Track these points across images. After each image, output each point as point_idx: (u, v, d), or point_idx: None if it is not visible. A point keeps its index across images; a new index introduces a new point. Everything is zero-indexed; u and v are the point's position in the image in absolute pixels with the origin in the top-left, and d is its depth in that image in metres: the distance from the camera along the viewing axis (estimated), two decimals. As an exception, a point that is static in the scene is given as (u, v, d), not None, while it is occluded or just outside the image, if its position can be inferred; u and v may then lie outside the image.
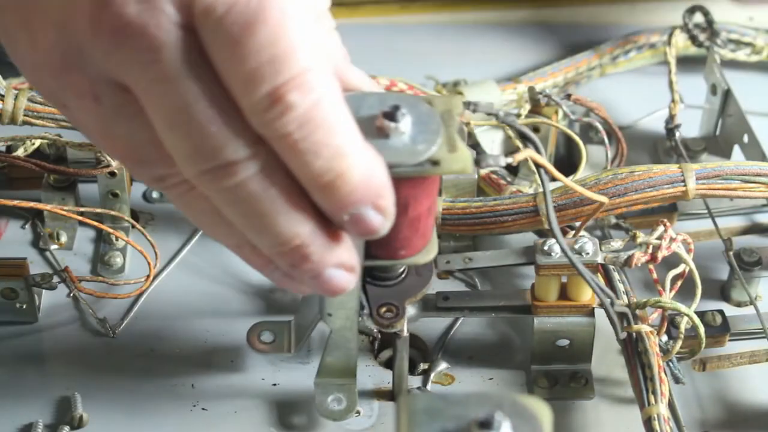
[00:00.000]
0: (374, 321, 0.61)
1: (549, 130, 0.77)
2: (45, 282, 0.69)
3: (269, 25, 0.48)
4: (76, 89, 0.52)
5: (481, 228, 0.71)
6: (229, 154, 0.50)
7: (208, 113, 0.49)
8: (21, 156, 0.74)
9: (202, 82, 0.49)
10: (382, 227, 0.52)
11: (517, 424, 0.45)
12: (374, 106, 0.53)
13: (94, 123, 0.53)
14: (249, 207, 0.51)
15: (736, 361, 0.69)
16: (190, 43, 0.49)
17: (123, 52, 0.49)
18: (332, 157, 0.49)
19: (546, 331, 0.67)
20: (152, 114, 0.50)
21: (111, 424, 0.66)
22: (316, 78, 0.49)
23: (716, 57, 0.82)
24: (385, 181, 0.51)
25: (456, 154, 0.53)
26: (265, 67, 0.48)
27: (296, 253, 0.52)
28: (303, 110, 0.48)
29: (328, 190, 0.50)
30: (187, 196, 0.53)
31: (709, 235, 0.76)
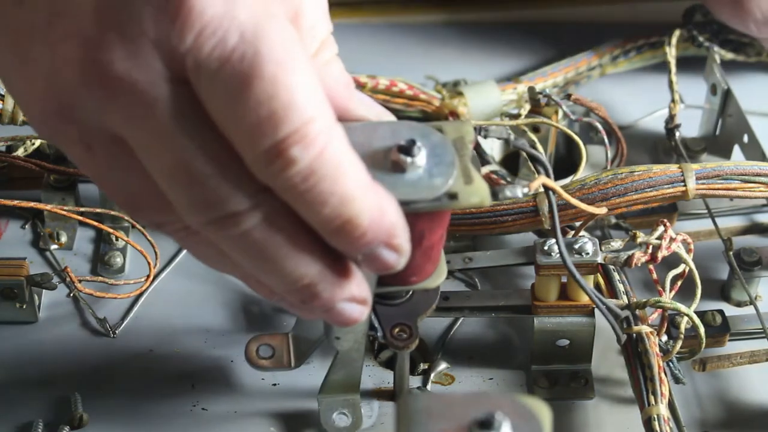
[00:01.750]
0: (388, 343, 0.61)
1: (549, 130, 0.77)
2: (45, 282, 0.69)
3: (265, 79, 0.47)
4: (68, 138, 0.51)
5: (481, 228, 0.71)
6: (232, 205, 0.49)
7: (207, 167, 0.48)
8: (21, 156, 0.74)
9: (199, 136, 0.48)
10: (398, 264, 0.51)
11: (517, 424, 0.45)
12: (387, 138, 0.52)
13: (89, 170, 0.52)
14: (255, 253, 0.50)
15: (736, 361, 0.69)
16: (184, 96, 0.48)
17: (115, 107, 0.49)
18: (339, 204, 0.48)
19: (546, 331, 0.67)
20: (149, 167, 0.49)
21: (111, 424, 0.66)
22: (318, 128, 0.48)
23: (716, 57, 0.82)
24: (397, 219, 0.50)
25: (472, 186, 0.52)
26: (265, 122, 0.47)
27: (305, 291, 0.52)
28: (306, 163, 0.47)
29: (338, 235, 0.49)
30: (189, 239, 0.53)
31: (709, 235, 0.76)
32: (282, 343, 0.65)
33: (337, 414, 0.64)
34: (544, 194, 0.70)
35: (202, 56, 0.47)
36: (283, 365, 0.65)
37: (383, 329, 0.60)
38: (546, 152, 0.77)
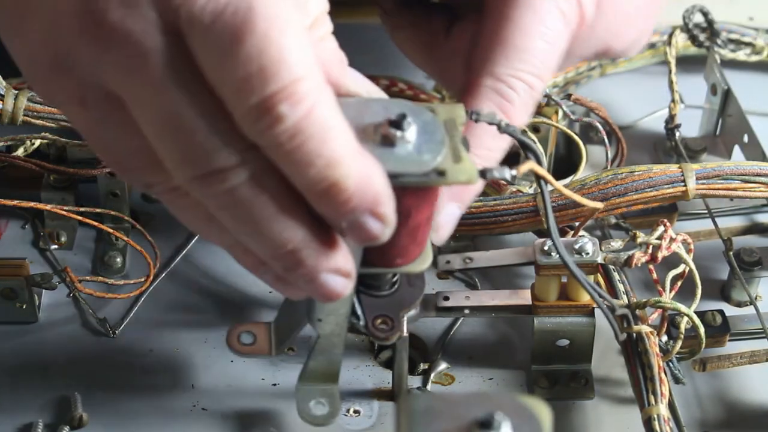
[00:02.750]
0: (369, 333, 0.61)
1: (549, 130, 0.77)
2: (45, 282, 0.69)
3: (257, 34, 0.47)
4: (64, 92, 0.52)
5: (481, 228, 0.71)
6: (219, 161, 0.49)
7: (197, 121, 0.49)
8: (21, 156, 0.74)
9: (191, 89, 0.49)
10: (382, 234, 0.51)
11: (517, 424, 0.45)
12: (378, 113, 0.53)
13: (82, 126, 0.53)
14: (240, 212, 0.51)
15: (736, 361, 0.69)
16: (177, 49, 0.49)
17: (109, 58, 0.49)
18: (325, 166, 0.49)
19: (546, 331, 0.67)
20: (141, 121, 0.50)
21: (111, 424, 0.66)
22: (307, 88, 0.48)
23: (716, 57, 0.82)
24: (383, 188, 0.51)
25: (461, 165, 0.52)
26: (254, 77, 0.47)
27: (290, 257, 0.52)
28: (293, 121, 0.48)
29: (323, 198, 0.50)
30: (178, 201, 0.53)
31: (709, 235, 0.76)
32: (263, 331, 0.65)
33: (315, 403, 0.64)
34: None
35: (196, 9, 0.48)
36: (263, 352, 0.65)
37: (366, 319, 0.60)
38: (546, 152, 0.77)
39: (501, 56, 0.64)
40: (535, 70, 0.64)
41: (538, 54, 0.64)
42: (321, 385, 0.63)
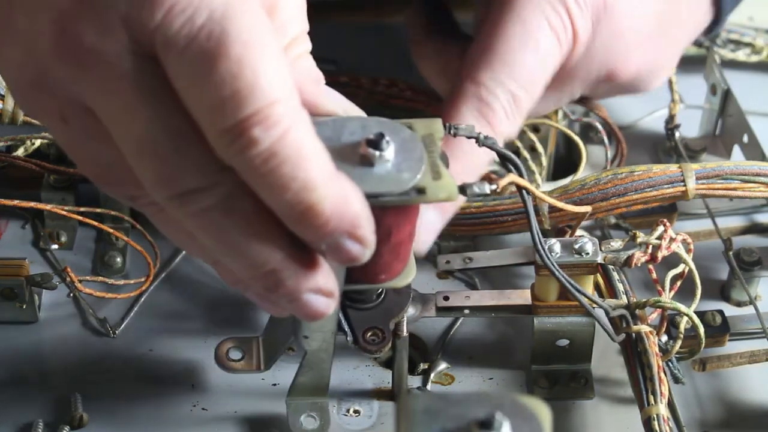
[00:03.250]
0: (360, 347, 0.61)
1: (549, 130, 0.77)
2: (45, 282, 0.69)
3: (231, 58, 0.47)
4: (44, 108, 0.52)
5: (481, 228, 0.71)
6: (192, 182, 0.50)
7: (170, 143, 0.49)
8: (21, 156, 0.74)
9: (165, 112, 0.49)
10: (362, 255, 0.51)
11: (517, 424, 0.45)
12: (356, 132, 0.53)
13: (63, 141, 0.54)
14: (216, 233, 0.51)
15: (736, 361, 0.69)
16: (151, 72, 0.49)
17: (85, 79, 0.50)
18: (301, 190, 0.49)
19: (546, 331, 0.67)
20: (117, 139, 0.50)
21: (111, 424, 0.66)
22: (281, 111, 0.48)
23: (716, 57, 0.82)
24: (361, 210, 0.50)
25: (441, 182, 0.52)
26: (228, 101, 0.47)
27: (269, 277, 0.52)
28: (267, 145, 0.48)
29: (300, 222, 0.50)
30: (159, 215, 0.54)
31: (709, 235, 0.76)
32: (252, 347, 0.65)
33: (305, 417, 0.64)
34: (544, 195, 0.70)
35: (171, 33, 0.48)
36: (253, 368, 0.64)
37: (355, 333, 0.60)
38: (546, 152, 0.77)
39: (485, 64, 0.65)
40: (521, 81, 0.65)
41: (525, 65, 0.65)
42: (311, 398, 0.63)
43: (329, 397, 0.64)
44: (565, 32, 0.66)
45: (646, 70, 0.71)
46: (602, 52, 0.68)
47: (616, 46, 0.68)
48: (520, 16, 0.65)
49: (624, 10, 0.68)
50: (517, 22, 0.65)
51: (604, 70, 0.69)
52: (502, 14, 0.66)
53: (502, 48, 0.65)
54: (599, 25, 0.67)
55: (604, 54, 0.68)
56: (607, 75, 0.69)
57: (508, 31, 0.65)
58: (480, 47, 0.66)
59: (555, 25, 0.65)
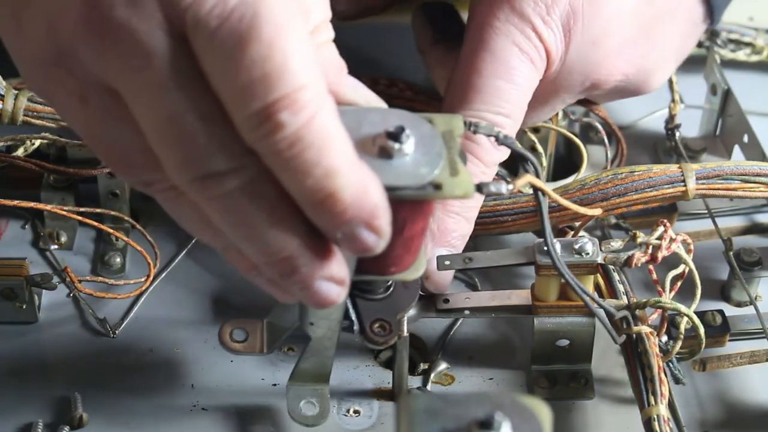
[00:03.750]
0: (366, 338, 0.61)
1: (549, 130, 0.77)
2: (45, 282, 0.69)
3: (262, 41, 0.48)
4: (63, 88, 0.52)
5: (481, 228, 0.71)
6: (217, 164, 0.49)
7: (197, 124, 0.49)
8: (21, 156, 0.74)
9: (193, 92, 0.49)
10: (377, 246, 0.51)
11: (517, 424, 0.45)
12: (376, 124, 0.53)
13: (81, 123, 0.53)
14: (236, 217, 0.51)
15: (736, 361, 0.69)
16: (181, 51, 0.49)
17: (112, 57, 0.49)
18: (323, 176, 0.49)
19: (546, 331, 0.67)
20: (141, 120, 0.50)
21: (111, 424, 0.66)
22: (309, 96, 0.48)
23: (716, 57, 0.82)
24: (380, 201, 0.51)
25: (458, 179, 0.52)
26: (257, 83, 0.48)
27: (284, 264, 0.52)
28: (294, 129, 0.48)
29: (319, 209, 0.50)
30: (175, 201, 0.53)
31: (709, 235, 0.76)
32: (256, 329, 0.65)
33: (305, 402, 0.64)
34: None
35: (202, 13, 0.48)
36: (255, 350, 0.65)
37: (362, 324, 0.60)
38: (546, 153, 0.77)
39: (462, 100, 0.66)
40: (499, 109, 0.66)
41: (500, 93, 0.66)
42: (312, 385, 0.63)
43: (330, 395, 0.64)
44: (537, 52, 0.67)
45: (635, 72, 0.70)
46: (581, 61, 0.68)
47: (594, 53, 0.68)
48: (490, 48, 0.66)
49: (595, 17, 0.68)
50: (488, 53, 0.66)
51: (587, 78, 0.69)
52: (473, 48, 0.67)
53: (478, 82, 0.66)
54: (572, 36, 0.67)
55: (582, 63, 0.68)
56: (592, 83, 0.70)
57: (480, 64, 0.66)
58: (457, 84, 0.67)
59: (526, 49, 0.66)
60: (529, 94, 0.67)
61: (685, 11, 0.73)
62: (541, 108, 0.71)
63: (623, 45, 0.69)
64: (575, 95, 0.71)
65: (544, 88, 0.69)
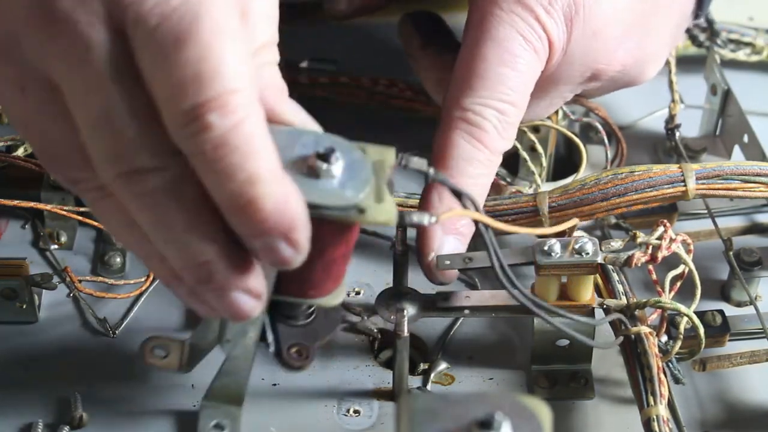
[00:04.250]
0: (281, 361, 0.60)
1: (549, 130, 0.77)
2: (45, 282, 0.69)
3: (199, 42, 0.48)
4: (5, 78, 0.52)
5: (481, 228, 0.71)
6: (142, 161, 0.50)
7: (128, 119, 0.50)
8: (21, 156, 0.74)
9: (127, 88, 0.50)
10: (294, 260, 0.52)
11: (517, 424, 0.45)
12: (309, 146, 0.53)
13: (18, 114, 0.54)
14: (157, 217, 0.51)
15: (736, 361, 0.69)
16: (119, 47, 0.50)
17: (54, 47, 0.50)
18: (245, 182, 0.49)
19: (546, 331, 0.67)
20: (75, 112, 0.51)
21: (111, 424, 0.66)
22: (239, 101, 0.49)
23: (716, 57, 0.82)
24: (300, 214, 0.51)
25: (382, 205, 0.53)
26: (189, 83, 0.48)
27: (201, 270, 0.52)
28: (221, 132, 0.49)
29: (239, 215, 0.50)
30: (100, 202, 0.54)
31: (709, 235, 0.76)
32: (176, 348, 0.64)
33: (215, 424, 0.63)
34: (544, 194, 0.70)
35: (144, 10, 0.49)
36: (173, 367, 0.64)
37: (279, 345, 0.60)
38: (546, 153, 0.77)
39: (468, 88, 0.66)
40: (504, 96, 0.66)
41: (504, 81, 0.66)
42: (225, 406, 0.63)
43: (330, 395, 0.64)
44: (540, 41, 0.67)
45: (632, 63, 0.71)
46: (582, 52, 0.68)
47: (595, 43, 0.69)
48: (493, 36, 0.66)
49: (597, 7, 0.68)
50: (492, 42, 0.67)
51: (588, 69, 0.69)
52: (476, 37, 0.67)
53: (482, 69, 0.66)
54: (573, 27, 0.67)
55: (584, 54, 0.69)
56: (592, 73, 0.70)
57: (483, 52, 0.67)
58: (460, 73, 0.67)
59: (529, 38, 0.67)
60: (532, 84, 0.68)
61: (679, 2, 0.73)
62: (540, 100, 0.71)
63: (622, 34, 0.70)
64: (575, 87, 0.71)
65: (545, 79, 0.69)
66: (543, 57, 0.67)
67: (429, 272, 0.66)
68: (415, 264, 0.67)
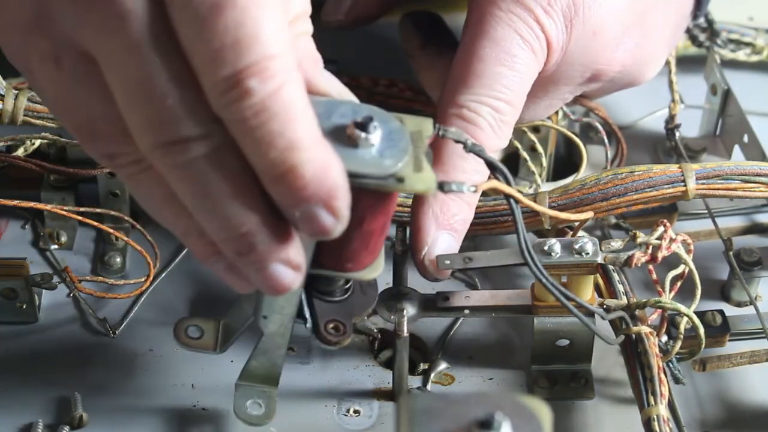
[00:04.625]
0: (319, 337, 0.61)
1: (549, 130, 0.77)
2: (45, 282, 0.69)
3: (236, 7, 0.48)
4: (39, 51, 0.52)
5: (481, 228, 0.71)
6: (183, 129, 0.50)
7: (168, 87, 0.49)
8: (21, 156, 0.74)
9: (165, 56, 0.49)
10: (334, 229, 0.51)
11: (517, 424, 0.45)
12: (347, 115, 0.53)
13: (54, 89, 0.53)
14: (199, 187, 0.51)
15: (736, 361, 0.69)
16: (157, 15, 0.49)
17: (90, 17, 0.50)
18: (286, 148, 0.49)
19: (546, 331, 0.67)
20: (113, 83, 0.51)
21: (111, 424, 0.66)
22: (278, 67, 0.49)
23: (716, 57, 0.82)
24: (340, 182, 0.51)
25: (421, 174, 0.53)
26: (228, 49, 0.48)
27: (242, 241, 0.52)
28: (260, 97, 0.48)
29: (279, 182, 0.50)
30: (138, 177, 0.53)
31: (709, 235, 0.76)
32: (211, 328, 0.65)
33: (252, 402, 0.63)
34: (544, 194, 0.70)
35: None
36: (208, 348, 0.65)
37: (316, 321, 0.60)
38: (546, 153, 0.77)
39: (462, 85, 0.66)
40: (499, 94, 0.66)
41: (500, 79, 0.66)
42: (260, 386, 0.63)
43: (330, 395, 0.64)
44: (539, 41, 0.67)
45: (632, 63, 0.71)
46: (581, 52, 0.68)
47: (594, 44, 0.69)
48: (491, 36, 0.66)
49: (596, 6, 0.68)
50: (489, 41, 0.67)
51: (588, 69, 0.69)
52: (474, 36, 0.67)
53: (479, 68, 0.66)
54: (573, 27, 0.67)
55: (583, 54, 0.69)
56: (592, 74, 0.70)
57: (481, 51, 0.67)
58: (457, 71, 0.67)
59: (527, 38, 0.67)
60: (529, 84, 0.68)
61: (677, 2, 0.73)
62: (541, 101, 0.71)
63: (621, 34, 0.70)
64: (575, 87, 0.71)
65: (545, 79, 0.69)
66: (541, 57, 0.67)
67: (422, 268, 0.66)
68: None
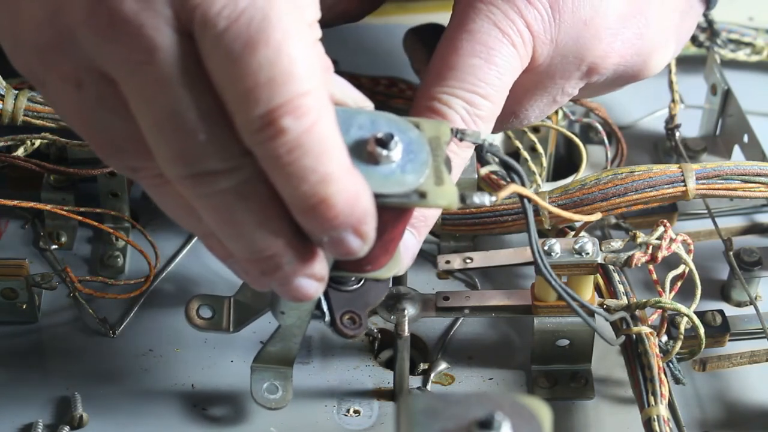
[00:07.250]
0: (336, 330, 0.61)
1: (549, 130, 0.77)
2: (45, 282, 0.69)
3: (270, 45, 0.48)
4: (59, 72, 0.51)
5: (481, 228, 0.71)
6: (213, 163, 0.49)
7: (197, 122, 0.49)
8: (21, 156, 0.74)
9: (195, 90, 0.49)
10: (360, 251, 0.52)
11: (517, 424, 0.45)
12: (365, 127, 0.53)
13: (73, 109, 0.52)
14: (224, 215, 0.51)
15: (736, 361, 0.69)
16: (186, 49, 0.49)
17: (115, 48, 0.49)
18: (318, 183, 0.49)
19: (546, 331, 0.67)
20: (138, 112, 0.50)
21: (111, 424, 0.66)
22: (312, 103, 0.48)
23: (716, 57, 0.82)
24: (369, 208, 0.51)
25: (443, 188, 0.53)
26: (262, 88, 0.48)
27: (268, 262, 0.52)
28: (295, 135, 0.48)
29: (310, 213, 0.50)
30: (161, 188, 0.53)
31: (709, 235, 0.76)
32: (223, 307, 0.65)
33: (269, 385, 0.64)
34: (544, 194, 0.70)
35: (212, 13, 0.48)
36: (221, 328, 0.65)
37: (333, 315, 0.60)
38: (546, 153, 0.77)
39: (437, 77, 0.65)
40: (474, 87, 0.64)
41: (475, 72, 0.64)
42: (276, 367, 0.63)
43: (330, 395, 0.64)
44: (520, 35, 0.65)
45: (632, 54, 0.68)
46: (573, 43, 0.66)
47: (587, 33, 0.66)
48: (469, 29, 0.65)
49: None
50: (467, 34, 0.65)
51: (582, 60, 0.67)
52: (453, 28, 0.66)
53: (453, 60, 0.65)
54: (561, 16, 0.65)
55: (575, 45, 0.67)
56: (589, 67, 0.68)
57: (458, 44, 0.65)
58: (433, 65, 0.66)
59: (506, 31, 0.64)
60: (510, 79, 0.65)
61: None
62: (541, 97, 0.70)
63: (617, 24, 0.67)
64: (574, 82, 0.69)
65: (539, 73, 0.67)
66: (523, 51, 0.65)
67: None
68: (415, 264, 0.67)
